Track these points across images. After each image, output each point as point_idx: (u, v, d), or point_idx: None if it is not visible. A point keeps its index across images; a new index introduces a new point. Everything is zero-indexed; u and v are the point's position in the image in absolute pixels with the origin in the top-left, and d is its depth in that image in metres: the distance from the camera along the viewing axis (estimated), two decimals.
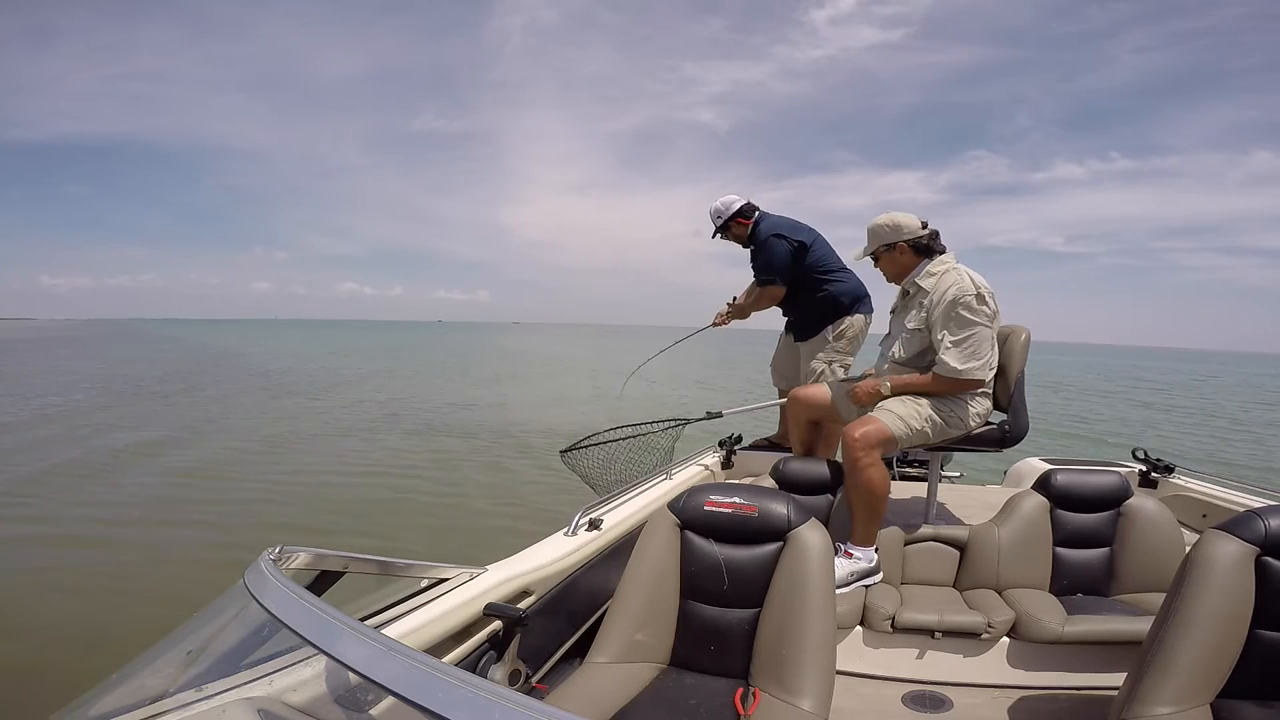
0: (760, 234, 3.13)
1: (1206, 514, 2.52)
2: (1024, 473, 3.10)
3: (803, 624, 1.35)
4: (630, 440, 3.00)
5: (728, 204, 3.20)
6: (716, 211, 3.22)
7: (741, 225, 3.20)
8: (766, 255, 3.09)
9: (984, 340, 2.07)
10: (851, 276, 3.12)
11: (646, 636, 1.46)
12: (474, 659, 1.25)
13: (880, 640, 1.88)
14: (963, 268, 2.16)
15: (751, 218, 3.19)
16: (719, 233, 3.27)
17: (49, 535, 4.97)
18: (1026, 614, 1.79)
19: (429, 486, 6.61)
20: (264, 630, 0.86)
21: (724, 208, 3.20)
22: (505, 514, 5.71)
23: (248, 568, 0.82)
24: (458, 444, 8.94)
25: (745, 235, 3.21)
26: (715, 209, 3.23)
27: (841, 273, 3.11)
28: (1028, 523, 2.03)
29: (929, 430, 2.11)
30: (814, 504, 2.22)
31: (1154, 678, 1.17)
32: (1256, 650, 1.17)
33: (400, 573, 1.22)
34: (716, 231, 3.27)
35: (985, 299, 2.06)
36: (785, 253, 3.06)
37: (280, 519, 5.52)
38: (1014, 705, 1.74)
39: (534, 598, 1.47)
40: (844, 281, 3.10)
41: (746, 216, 3.19)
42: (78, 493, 6.10)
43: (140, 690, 0.78)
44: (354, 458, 7.96)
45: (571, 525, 1.77)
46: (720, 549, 1.49)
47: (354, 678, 0.89)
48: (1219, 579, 1.18)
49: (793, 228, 3.10)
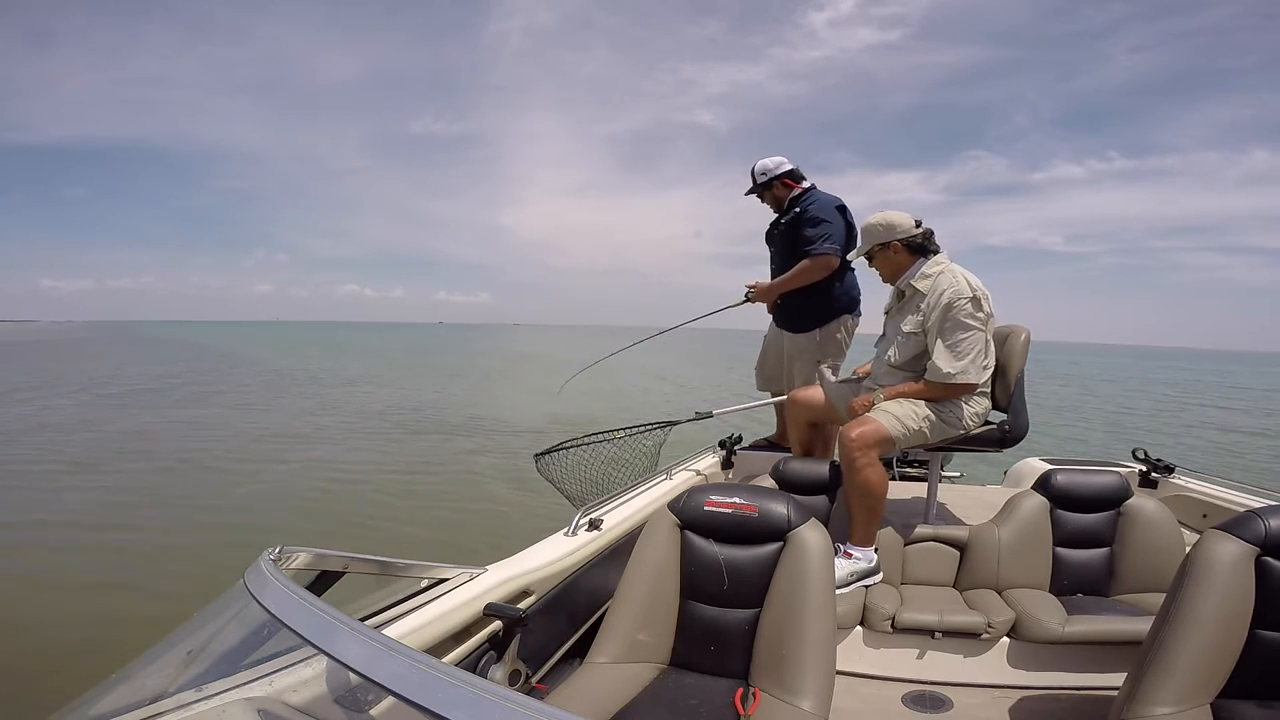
0: (818, 202, 2.97)
1: (1206, 514, 2.51)
2: (1024, 473, 3.10)
3: (803, 624, 1.35)
4: (609, 448, 2.81)
5: (777, 163, 3.07)
6: (763, 168, 3.07)
7: (785, 188, 3.06)
8: (827, 222, 2.92)
9: (978, 345, 2.06)
10: (853, 274, 3.09)
11: (646, 636, 1.46)
12: (474, 659, 1.25)
13: (880, 640, 1.88)
14: (957, 269, 2.14)
15: (800, 183, 3.06)
16: (756, 191, 3.13)
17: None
18: (1026, 614, 1.79)
19: (428, 486, 6.61)
20: (264, 630, 0.85)
21: (773, 166, 3.06)
22: (506, 513, 5.71)
23: (248, 568, 0.82)
24: (457, 442, 8.94)
25: (785, 199, 3.06)
26: (761, 166, 3.08)
27: (849, 272, 3.06)
28: (1028, 523, 2.03)
29: (926, 430, 2.10)
30: (814, 504, 2.21)
31: (1154, 678, 1.17)
32: (1256, 650, 1.17)
33: (400, 573, 1.22)
34: (754, 190, 3.13)
35: (981, 303, 2.05)
36: (843, 228, 2.94)
37: (279, 518, 5.52)
38: (1014, 705, 1.74)
39: (534, 598, 1.47)
40: (849, 278, 3.05)
41: (795, 180, 3.06)
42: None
43: (140, 690, 0.78)
44: (366, 457, 7.96)
45: (571, 525, 1.77)
46: (720, 549, 1.49)
47: (354, 678, 0.89)
48: (1219, 579, 1.18)
49: (845, 209, 3.00)
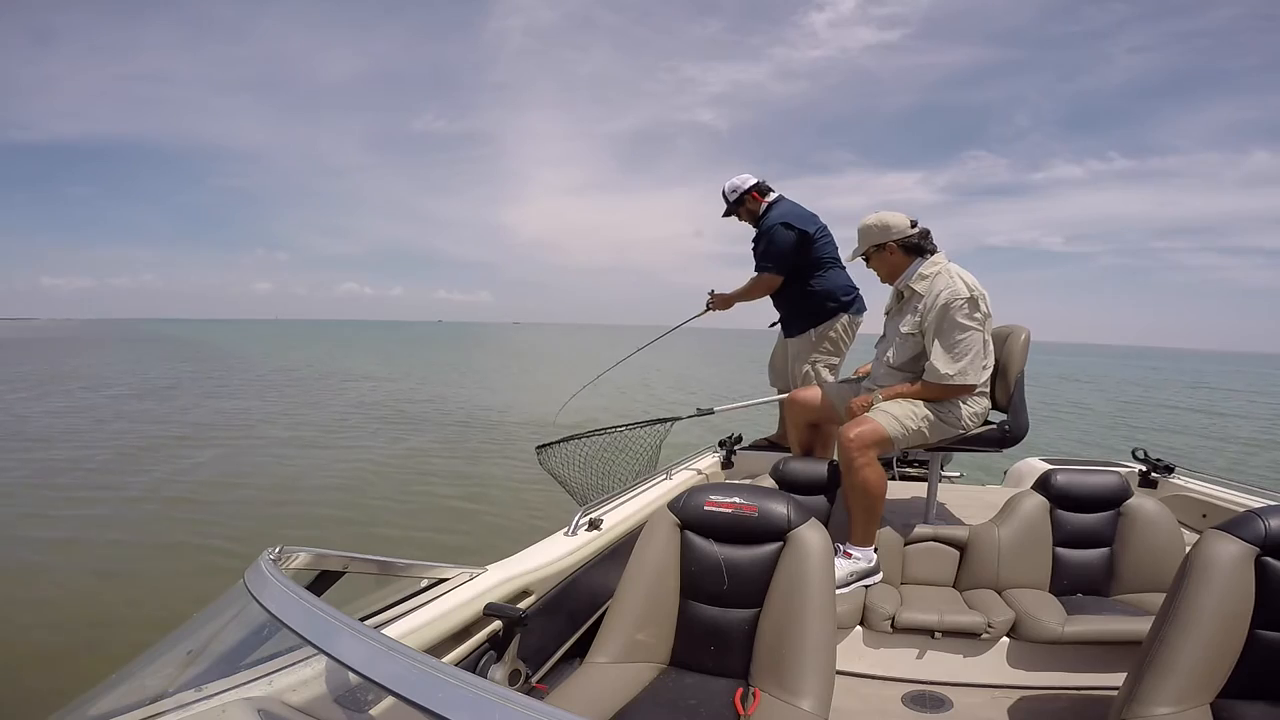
0: (768, 220, 3.08)
1: (1206, 514, 2.51)
2: (1024, 473, 3.09)
3: (803, 624, 1.35)
4: (612, 443, 2.84)
5: (742, 180, 3.17)
6: (733, 188, 3.18)
7: (756, 201, 3.16)
8: (769, 242, 3.05)
9: (975, 345, 2.06)
10: (840, 274, 3.09)
11: (646, 636, 1.46)
12: (474, 659, 1.25)
13: (880, 640, 1.88)
14: (954, 269, 2.14)
15: (766, 196, 3.15)
16: (730, 212, 3.23)
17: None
18: (1026, 614, 1.79)
19: (428, 486, 6.61)
20: (264, 630, 0.86)
21: (739, 184, 3.17)
22: (505, 513, 5.71)
23: (248, 568, 0.82)
24: (457, 441, 8.94)
25: (757, 213, 3.15)
26: (730, 185, 3.19)
27: (831, 270, 3.06)
28: (1028, 523, 2.03)
29: (925, 430, 2.10)
30: (814, 504, 2.21)
31: (1154, 678, 1.17)
32: (1256, 650, 1.17)
33: (400, 573, 1.22)
34: (729, 211, 3.23)
35: (978, 303, 2.05)
36: (788, 242, 3.00)
37: (280, 517, 5.52)
38: (1014, 705, 1.74)
39: (534, 598, 1.47)
40: (830, 279, 3.06)
41: (762, 194, 3.15)
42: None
43: (140, 690, 0.78)
44: (366, 456, 7.96)
45: (571, 525, 1.77)
46: (720, 549, 1.49)
47: (354, 678, 0.89)
48: (1219, 579, 1.18)
49: (801, 217, 3.05)
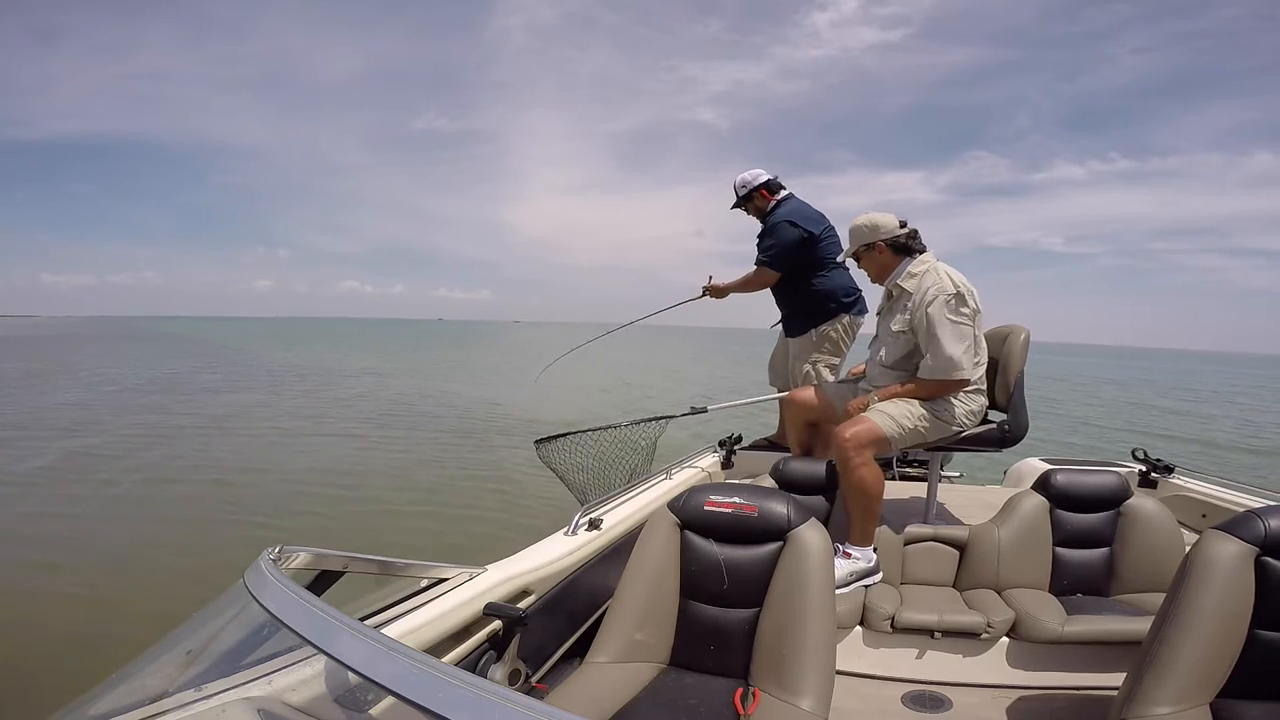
0: (775, 217, 3.11)
1: (1206, 514, 2.51)
2: (1024, 473, 3.10)
3: (802, 624, 1.35)
4: (609, 440, 2.87)
5: (754, 175, 3.19)
6: (743, 182, 3.21)
7: (764, 199, 3.18)
8: (772, 238, 3.08)
9: (966, 340, 2.07)
10: (842, 274, 3.10)
11: (646, 636, 1.46)
12: (474, 659, 1.25)
13: (880, 640, 1.88)
14: (942, 266, 2.16)
15: (776, 194, 3.18)
16: (740, 205, 3.26)
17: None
18: (1026, 614, 1.79)
19: (428, 485, 6.61)
20: (264, 630, 0.86)
21: (751, 179, 3.19)
22: (505, 513, 5.71)
23: (248, 567, 0.82)
24: (457, 439, 8.94)
25: (765, 209, 3.18)
26: (741, 180, 3.21)
27: (834, 270, 3.08)
28: (1027, 523, 2.03)
29: (922, 429, 2.11)
30: (814, 504, 2.21)
31: (1154, 678, 1.17)
32: (1256, 650, 1.17)
33: (400, 573, 1.22)
34: (737, 203, 3.26)
35: (965, 298, 2.06)
36: (791, 240, 3.03)
37: (278, 518, 5.52)
38: (1014, 705, 1.74)
39: (534, 597, 1.47)
40: (833, 279, 3.07)
41: (772, 191, 3.18)
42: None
43: (140, 690, 0.78)
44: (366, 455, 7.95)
45: (571, 525, 1.77)
46: (720, 549, 1.49)
47: (354, 678, 0.89)
48: (1219, 579, 1.18)
49: (807, 217, 3.07)
